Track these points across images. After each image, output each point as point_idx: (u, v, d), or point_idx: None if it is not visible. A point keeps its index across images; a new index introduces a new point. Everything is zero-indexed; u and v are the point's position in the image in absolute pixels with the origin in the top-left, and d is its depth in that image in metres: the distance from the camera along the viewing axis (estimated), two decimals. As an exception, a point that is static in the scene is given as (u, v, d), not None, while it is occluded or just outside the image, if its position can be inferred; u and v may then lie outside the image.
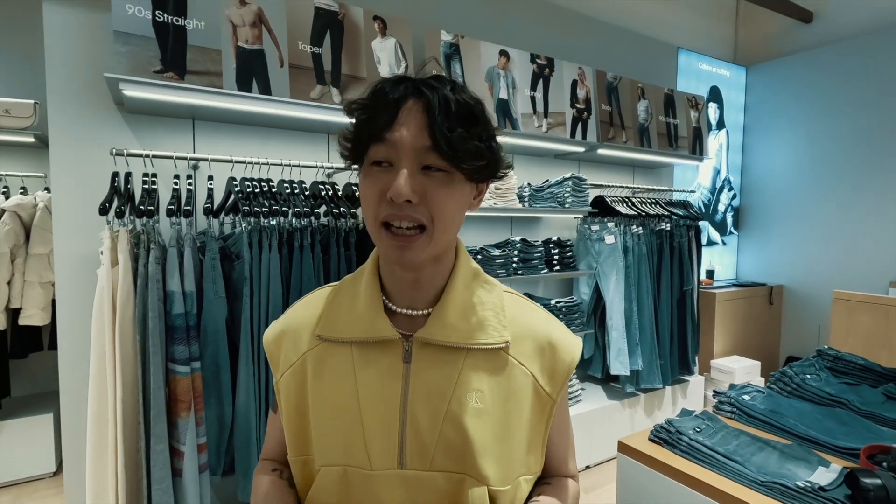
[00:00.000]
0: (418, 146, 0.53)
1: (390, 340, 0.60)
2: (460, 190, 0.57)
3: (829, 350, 1.93)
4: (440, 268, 0.62)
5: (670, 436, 1.38)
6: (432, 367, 0.59)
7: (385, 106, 0.54)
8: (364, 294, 0.62)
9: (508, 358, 0.61)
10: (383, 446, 0.57)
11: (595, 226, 2.85)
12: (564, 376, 0.63)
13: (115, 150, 1.57)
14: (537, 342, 0.63)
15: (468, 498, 0.56)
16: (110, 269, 1.48)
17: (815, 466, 1.21)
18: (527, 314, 0.65)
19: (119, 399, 1.46)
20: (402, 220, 0.54)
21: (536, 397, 0.61)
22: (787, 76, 3.97)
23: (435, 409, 0.57)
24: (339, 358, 0.61)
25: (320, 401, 0.61)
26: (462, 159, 0.54)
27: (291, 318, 0.67)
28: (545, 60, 2.56)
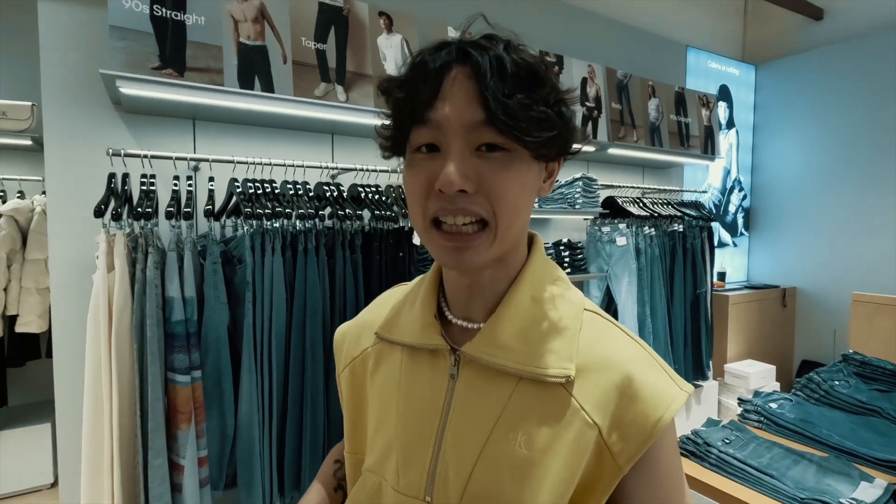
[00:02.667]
0: (469, 121, 0.43)
1: (437, 350, 0.52)
2: (526, 172, 0.46)
3: (856, 355, 1.84)
4: (504, 270, 0.51)
5: (698, 448, 1.30)
6: (476, 390, 0.50)
7: (425, 78, 0.44)
8: (421, 298, 0.56)
9: (570, 398, 0.47)
10: (413, 470, 0.50)
11: (606, 227, 2.78)
12: (642, 439, 0.46)
13: (112, 151, 1.51)
14: (612, 381, 0.48)
15: None
16: (106, 274, 1.41)
17: (858, 481, 1.13)
18: (605, 338, 0.51)
19: (115, 411, 1.38)
20: (456, 216, 0.45)
21: (597, 457, 0.47)
22: (798, 74, 3.90)
23: (472, 443, 0.48)
24: (391, 360, 0.57)
25: (372, 400, 0.58)
26: (526, 131, 0.43)
27: (362, 316, 0.65)
28: (554, 58, 2.49)
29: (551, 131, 0.45)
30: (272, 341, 1.63)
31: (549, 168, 0.51)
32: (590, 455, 0.47)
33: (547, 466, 0.46)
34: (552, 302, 0.51)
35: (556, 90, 0.47)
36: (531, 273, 0.52)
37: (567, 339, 0.49)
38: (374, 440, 0.55)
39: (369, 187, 1.94)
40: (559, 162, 0.52)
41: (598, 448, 0.47)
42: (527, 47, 0.47)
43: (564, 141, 0.48)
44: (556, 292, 0.52)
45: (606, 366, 0.49)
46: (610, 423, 0.47)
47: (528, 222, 0.51)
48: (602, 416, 0.47)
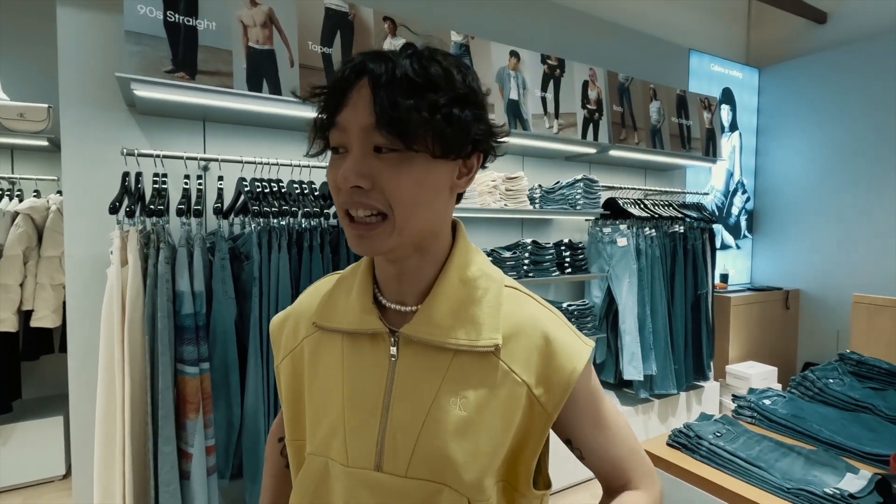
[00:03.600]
0: (363, 125, 0.48)
1: (377, 334, 0.57)
2: (424, 170, 0.50)
3: (852, 354, 1.86)
4: (427, 259, 0.57)
5: (689, 440, 1.34)
6: (417, 366, 0.55)
7: (335, 88, 0.50)
8: (357, 286, 0.60)
9: (499, 363, 0.55)
10: (361, 444, 0.55)
11: (607, 228, 2.81)
12: (563, 388, 0.55)
13: (126, 150, 1.57)
14: (532, 341, 0.56)
15: None
16: (120, 268, 1.47)
17: (843, 473, 1.16)
18: (523, 308, 0.58)
19: (127, 400, 1.44)
20: (357, 209, 0.50)
21: (530, 408, 0.55)
22: (801, 77, 3.91)
23: (416, 412, 0.54)
24: (331, 347, 0.60)
25: (313, 388, 0.61)
26: (410, 135, 0.47)
27: (297, 305, 0.67)
28: (556, 61, 2.54)
29: (439, 133, 0.48)
30: (278, 335, 1.68)
31: (467, 164, 0.55)
32: (523, 408, 0.55)
33: (484, 422, 0.53)
34: (477, 282, 0.57)
35: (456, 93, 0.49)
36: (457, 259, 0.58)
37: (492, 313, 0.56)
38: (317, 424, 0.59)
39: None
40: (477, 159, 0.55)
41: (529, 401, 0.55)
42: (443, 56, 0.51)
43: (458, 141, 0.50)
44: (480, 273, 0.58)
45: (526, 331, 0.56)
46: (536, 379, 0.55)
47: (440, 215, 0.55)
48: (528, 374, 0.55)
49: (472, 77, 0.53)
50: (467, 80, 0.51)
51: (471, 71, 0.53)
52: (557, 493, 2.57)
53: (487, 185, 2.33)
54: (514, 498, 0.58)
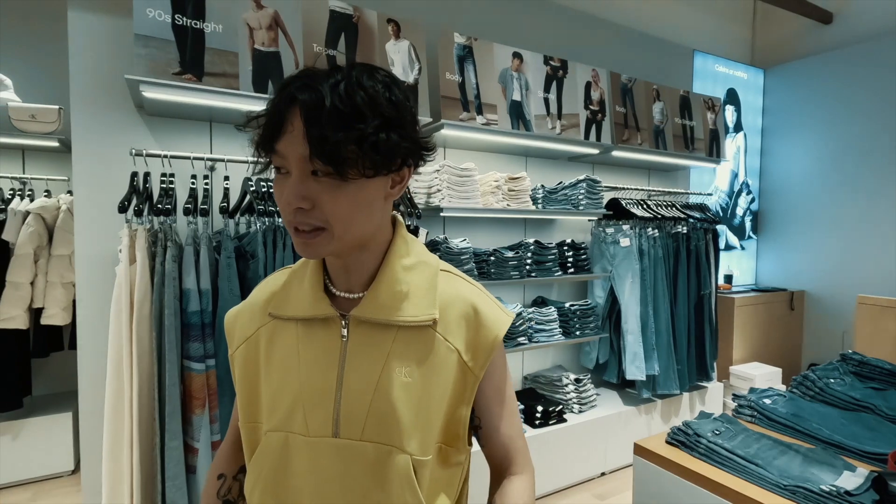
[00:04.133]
0: (300, 155, 0.53)
1: (329, 318, 0.64)
2: (359, 188, 0.56)
3: (854, 354, 1.87)
4: (368, 254, 0.64)
5: (688, 438, 1.35)
6: (366, 343, 0.62)
7: (271, 117, 0.55)
8: (309, 277, 0.67)
9: (435, 334, 0.63)
10: (320, 415, 0.61)
11: (610, 228, 2.82)
12: (487, 353, 0.64)
13: (135, 151, 1.61)
14: (462, 312, 0.65)
15: (393, 467, 0.59)
16: (128, 266, 1.50)
17: (841, 471, 1.17)
18: (455, 287, 0.67)
19: (135, 395, 1.47)
20: (301, 226, 0.56)
21: (461, 372, 0.64)
22: (807, 78, 3.90)
23: (367, 382, 0.61)
24: (286, 334, 0.66)
25: (269, 372, 0.66)
26: (343, 165, 0.52)
27: (250, 299, 0.73)
28: (559, 62, 2.56)
29: (369, 160, 0.53)
30: (282, 333, 1.71)
31: (400, 174, 0.60)
32: (455, 372, 0.63)
33: (425, 388, 0.62)
34: (415, 268, 0.65)
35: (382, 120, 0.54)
36: (397, 250, 0.65)
37: (429, 293, 0.64)
38: (276, 404, 0.64)
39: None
40: (408, 170, 0.61)
41: (461, 365, 0.64)
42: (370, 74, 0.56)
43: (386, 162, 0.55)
44: (417, 261, 0.66)
45: (457, 305, 0.65)
46: (465, 346, 0.64)
47: (377, 221, 0.61)
48: (459, 342, 0.64)
49: (397, 92, 0.57)
50: (392, 98, 0.56)
51: (396, 85, 0.57)
52: (557, 492, 2.58)
53: (490, 186, 2.35)
54: (450, 455, 0.65)
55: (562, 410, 2.62)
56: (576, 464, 2.60)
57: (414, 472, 0.59)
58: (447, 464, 0.65)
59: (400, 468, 0.59)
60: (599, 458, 2.70)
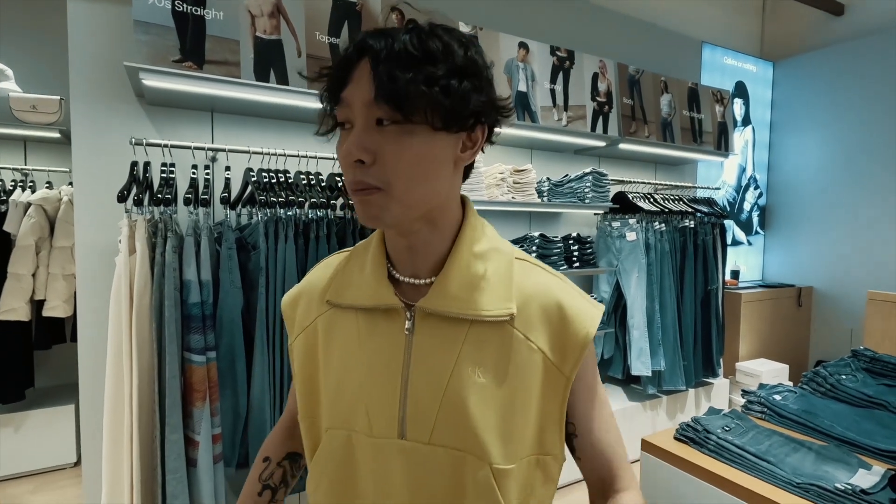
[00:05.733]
0: (366, 99, 0.49)
1: (393, 309, 0.58)
2: (426, 142, 0.50)
3: (866, 351, 1.83)
4: (438, 233, 0.58)
5: (697, 434, 1.32)
6: (434, 338, 0.56)
7: (339, 66, 0.51)
8: (370, 261, 0.61)
9: (514, 332, 0.56)
10: (384, 414, 0.56)
11: (616, 222, 2.78)
12: (579, 352, 0.57)
13: (135, 140, 1.58)
14: (544, 309, 0.58)
15: (470, 475, 0.53)
16: (128, 256, 1.48)
17: (856, 469, 1.14)
18: (535, 278, 0.60)
19: (135, 387, 1.46)
20: (360, 185, 0.51)
21: (547, 374, 0.57)
22: (817, 71, 3.84)
23: (436, 382, 0.55)
24: (346, 324, 0.61)
25: (328, 365, 0.61)
26: (408, 107, 0.48)
27: (307, 283, 0.68)
28: (565, 53, 2.51)
29: (437, 105, 0.49)
30: (284, 326, 1.68)
31: (471, 137, 0.55)
32: (541, 374, 0.56)
33: (504, 389, 0.55)
34: (488, 255, 0.59)
35: (455, 66, 0.50)
36: (468, 233, 0.59)
37: (504, 284, 0.57)
38: (335, 399, 0.60)
39: (380, 179, 1.98)
40: (482, 132, 0.55)
41: (546, 367, 0.56)
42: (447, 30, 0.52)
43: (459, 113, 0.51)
44: (490, 247, 0.59)
45: (538, 299, 0.58)
46: (551, 345, 0.57)
47: (445, 188, 0.55)
48: (543, 341, 0.57)
49: (474, 51, 0.52)
50: (469, 53, 0.51)
51: (474, 45, 0.53)
52: (560, 488, 2.56)
53: (495, 178, 2.32)
54: (548, 463, 0.59)
55: (566, 406, 2.59)
56: (580, 460, 2.57)
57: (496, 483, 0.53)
58: (547, 477, 0.59)
59: (479, 478, 0.53)
60: (604, 454, 2.67)
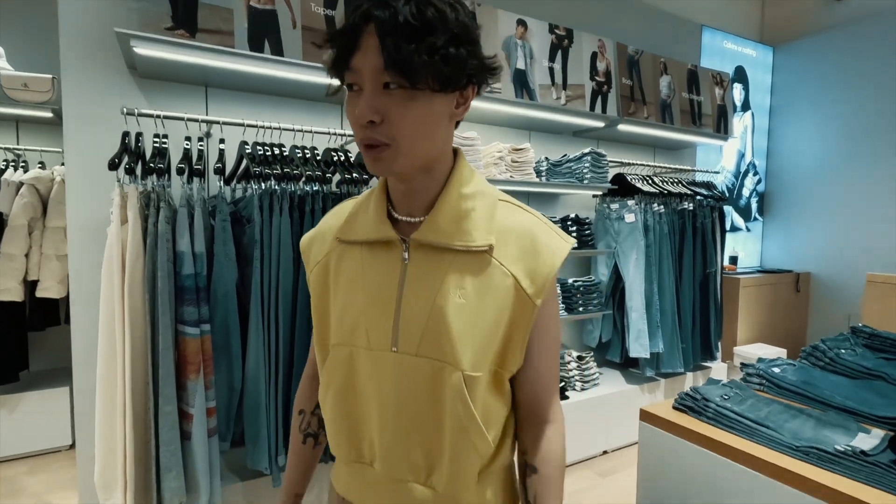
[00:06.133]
0: (374, 67, 0.56)
1: (391, 241, 0.67)
2: (427, 102, 0.59)
3: (865, 328, 1.82)
4: (432, 178, 0.67)
5: (696, 403, 1.31)
6: (424, 265, 0.66)
7: (345, 34, 0.57)
8: (373, 203, 0.70)
9: (492, 260, 0.65)
10: (380, 331, 0.66)
11: (615, 204, 2.77)
12: (545, 279, 0.66)
13: (126, 110, 1.56)
14: (520, 242, 0.66)
15: (446, 381, 0.63)
16: (120, 226, 1.46)
17: (856, 433, 1.13)
18: (514, 216, 0.68)
19: (128, 358, 1.44)
20: (370, 142, 0.59)
21: (518, 298, 0.65)
22: (817, 55, 3.82)
23: (424, 301, 0.64)
24: (352, 256, 0.71)
25: (337, 292, 0.72)
26: (414, 76, 0.55)
27: (321, 225, 0.78)
28: (564, 31, 2.49)
29: (438, 72, 0.56)
30: (279, 300, 1.67)
31: (463, 95, 0.63)
32: (512, 297, 0.65)
33: (479, 309, 0.64)
34: (474, 196, 0.67)
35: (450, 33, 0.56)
36: (457, 178, 0.68)
37: (487, 220, 0.66)
38: (342, 321, 0.69)
39: (376, 154, 1.96)
40: (472, 90, 0.64)
41: (517, 292, 0.65)
42: None
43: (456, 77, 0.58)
44: (477, 189, 0.68)
45: (516, 233, 0.67)
46: (523, 273, 0.65)
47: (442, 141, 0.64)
48: (516, 268, 0.65)
49: (464, 14, 0.59)
50: (460, 18, 0.58)
51: (462, 7, 0.60)
52: (561, 469, 2.55)
53: (493, 157, 2.30)
54: (504, 381, 0.68)
55: (564, 387, 2.59)
56: (578, 441, 2.57)
57: (466, 387, 0.63)
58: (502, 389, 0.68)
59: (452, 382, 0.63)
60: (602, 437, 2.67)
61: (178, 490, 1.49)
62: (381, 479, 0.68)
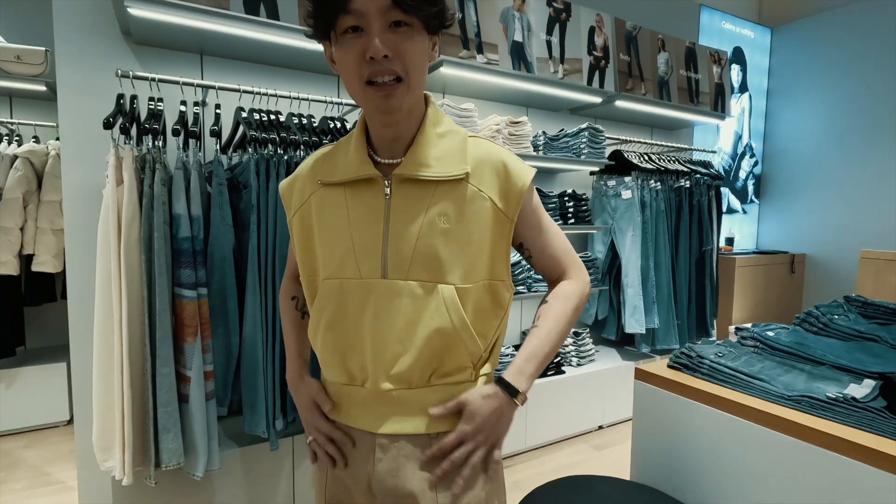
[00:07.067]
0: (382, 7, 0.61)
1: (373, 179, 0.72)
2: (422, 40, 0.66)
3: (858, 297, 1.83)
4: (412, 119, 0.73)
5: (691, 360, 1.32)
6: (408, 198, 0.71)
7: None
8: (353, 147, 0.75)
9: (468, 186, 0.72)
10: (370, 261, 0.71)
11: (612, 181, 2.77)
12: (518, 197, 0.74)
13: (121, 72, 1.54)
14: (493, 167, 0.74)
15: (438, 293, 0.69)
16: (115, 187, 1.45)
17: (847, 384, 1.14)
18: (484, 147, 0.76)
19: (124, 320, 1.44)
20: (383, 76, 0.64)
21: (496, 217, 0.73)
22: (815, 36, 3.81)
23: (410, 231, 0.70)
24: (335, 196, 0.75)
25: (322, 230, 0.76)
26: (421, 9, 0.63)
27: (300, 170, 0.82)
28: (562, 4, 2.47)
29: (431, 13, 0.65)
30: (276, 265, 1.67)
31: (433, 40, 0.71)
32: (490, 216, 0.73)
33: (462, 230, 0.71)
34: (447, 135, 0.75)
35: None
36: (431, 119, 0.75)
37: (461, 153, 0.74)
38: (330, 257, 0.74)
39: (373, 124, 1.96)
40: (438, 35, 0.71)
41: (494, 211, 0.73)
42: None
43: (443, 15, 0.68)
44: (448, 129, 0.76)
45: (487, 160, 0.74)
46: (498, 194, 0.74)
47: (425, 80, 0.72)
48: (491, 191, 0.73)
49: None
50: None
51: None
52: (556, 443, 2.58)
53: (490, 130, 2.29)
54: (497, 287, 0.76)
55: (560, 362, 2.61)
56: (574, 416, 2.59)
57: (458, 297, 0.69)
58: (496, 298, 0.75)
59: (445, 293, 0.69)
60: (598, 412, 2.69)
61: (176, 451, 1.49)
62: (371, 394, 0.72)
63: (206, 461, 1.55)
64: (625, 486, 1.37)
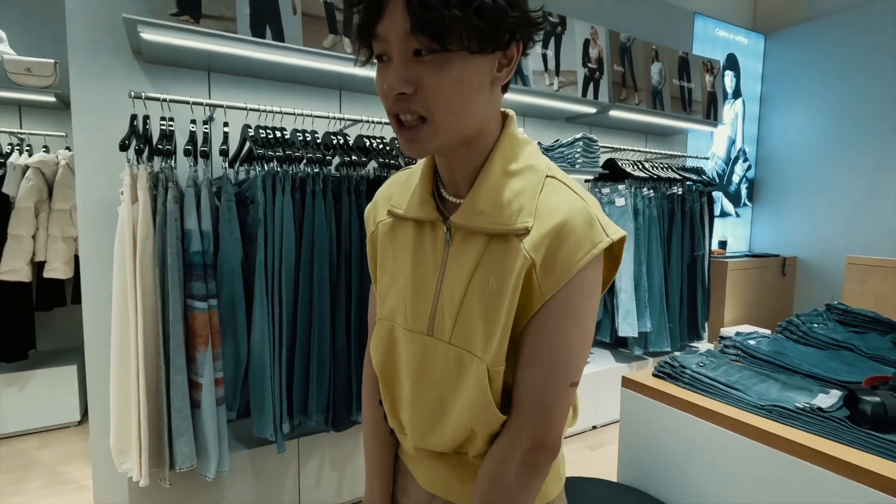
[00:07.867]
0: (402, 32, 0.49)
1: (434, 222, 0.64)
2: (464, 67, 0.51)
3: (839, 305, 1.92)
4: (473, 151, 0.60)
5: (674, 370, 1.41)
6: (462, 250, 0.61)
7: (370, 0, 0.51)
8: (420, 179, 0.67)
9: (521, 244, 0.56)
10: (419, 312, 0.65)
11: (606, 188, 2.85)
12: (561, 275, 0.55)
13: (133, 93, 1.62)
14: (552, 223, 0.56)
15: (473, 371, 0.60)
16: (130, 205, 1.53)
17: (816, 394, 1.23)
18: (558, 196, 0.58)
19: (140, 330, 1.52)
20: (405, 114, 0.54)
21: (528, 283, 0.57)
22: (808, 43, 3.88)
23: (458, 288, 0.61)
24: (403, 231, 0.68)
25: (384, 265, 0.71)
26: (445, 36, 0.48)
27: (380, 192, 0.75)
28: (557, 18, 2.54)
29: (473, 29, 0.49)
30: (282, 277, 1.75)
31: (507, 55, 0.55)
32: (524, 280, 0.56)
33: (502, 296, 0.58)
34: (520, 172, 0.60)
35: None
36: (501, 150, 0.61)
37: (529, 201, 0.58)
38: (388, 295, 0.69)
39: (375, 138, 2.04)
40: (517, 48, 0.56)
41: (529, 277, 0.56)
42: None
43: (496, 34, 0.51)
44: (524, 165, 0.61)
45: (551, 216, 0.57)
46: (543, 259, 0.56)
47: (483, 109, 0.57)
48: (537, 254, 0.56)
49: None
50: None
51: None
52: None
53: (487, 141, 2.36)
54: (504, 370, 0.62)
55: (555, 365, 2.69)
56: (568, 416, 2.68)
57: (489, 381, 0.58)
58: None
59: (478, 375, 0.59)
60: (591, 413, 2.78)
61: (189, 454, 1.58)
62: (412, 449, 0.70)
63: (217, 463, 1.64)
64: (611, 487, 1.46)
